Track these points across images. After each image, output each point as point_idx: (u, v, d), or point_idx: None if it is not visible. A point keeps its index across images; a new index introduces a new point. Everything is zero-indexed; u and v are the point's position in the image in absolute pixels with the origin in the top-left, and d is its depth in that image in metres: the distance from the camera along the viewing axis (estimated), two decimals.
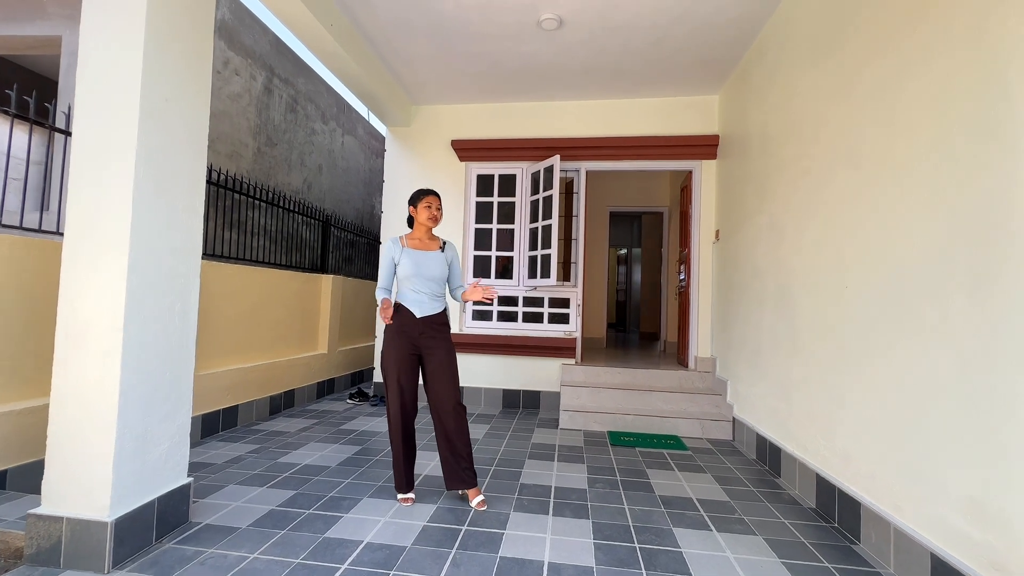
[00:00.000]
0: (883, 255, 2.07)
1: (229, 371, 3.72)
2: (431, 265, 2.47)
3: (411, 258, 2.46)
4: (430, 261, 2.48)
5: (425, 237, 2.55)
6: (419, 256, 2.47)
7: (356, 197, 6.96)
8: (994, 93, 1.54)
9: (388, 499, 2.47)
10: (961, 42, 1.68)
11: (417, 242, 2.53)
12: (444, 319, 2.51)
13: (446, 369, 2.42)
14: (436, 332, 2.45)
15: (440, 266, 2.50)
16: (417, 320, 2.43)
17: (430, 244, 2.55)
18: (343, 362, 5.49)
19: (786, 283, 2.97)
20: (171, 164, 2.05)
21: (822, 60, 2.64)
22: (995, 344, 1.51)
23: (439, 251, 2.53)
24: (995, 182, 1.53)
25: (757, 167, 3.53)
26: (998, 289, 1.50)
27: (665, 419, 3.99)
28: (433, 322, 2.45)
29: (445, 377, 2.42)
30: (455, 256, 2.61)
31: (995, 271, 1.52)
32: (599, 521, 2.29)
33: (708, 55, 3.88)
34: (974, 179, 1.61)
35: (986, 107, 1.57)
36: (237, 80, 4.38)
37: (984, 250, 1.56)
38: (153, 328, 1.98)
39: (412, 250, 2.48)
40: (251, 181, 4.57)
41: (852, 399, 2.26)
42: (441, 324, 2.48)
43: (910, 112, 1.93)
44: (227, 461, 2.99)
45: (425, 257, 2.48)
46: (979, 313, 1.57)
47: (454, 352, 2.49)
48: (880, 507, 2.03)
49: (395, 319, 2.44)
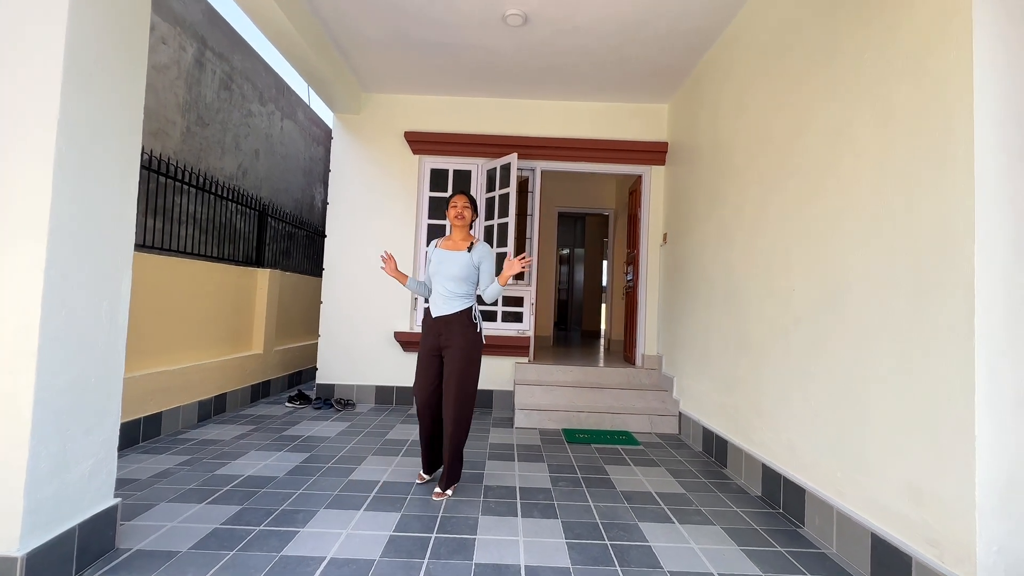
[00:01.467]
0: (829, 261, 2.25)
1: (151, 374, 3.33)
2: (450, 264, 2.51)
3: (436, 257, 2.57)
4: (451, 260, 2.52)
5: (457, 237, 2.62)
6: (443, 255, 2.54)
7: (295, 186, 6.52)
8: (937, 118, 1.72)
9: (349, 509, 2.32)
10: (905, 66, 1.86)
11: (450, 243, 2.62)
12: (463, 320, 2.50)
13: (457, 373, 2.47)
14: (454, 334, 2.49)
15: (460, 267, 2.50)
16: (433, 320, 2.53)
17: (460, 244, 2.59)
18: (280, 362, 5.12)
19: (736, 285, 3.15)
20: (101, 138, 1.78)
21: (771, 73, 2.82)
22: (932, 344, 1.68)
23: (466, 252, 2.54)
24: (935, 199, 1.70)
25: (707, 174, 3.73)
26: (936, 295, 1.68)
27: (616, 415, 4.11)
28: (449, 322, 2.50)
29: (455, 380, 2.47)
30: (484, 257, 2.56)
31: (934, 278, 1.69)
32: (568, 520, 2.30)
33: (662, 64, 4.03)
34: (915, 193, 1.79)
35: (929, 129, 1.75)
36: (164, 50, 3.92)
37: (924, 259, 1.74)
38: (76, 328, 1.71)
39: (441, 250, 2.59)
40: (179, 163, 4.12)
41: (798, 393, 2.44)
42: (460, 326, 2.49)
43: (854, 128, 2.11)
44: (154, 476, 2.67)
45: (448, 256, 2.54)
46: (918, 316, 1.75)
47: (473, 356, 2.51)
48: (824, 493, 2.21)
49: (423, 320, 2.62)
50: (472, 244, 2.58)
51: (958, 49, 1.63)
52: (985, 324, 1.53)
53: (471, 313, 2.53)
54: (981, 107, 1.56)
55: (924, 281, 1.73)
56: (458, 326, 2.49)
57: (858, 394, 2.03)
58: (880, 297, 1.93)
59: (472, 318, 2.53)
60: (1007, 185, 1.55)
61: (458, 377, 2.46)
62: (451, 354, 2.48)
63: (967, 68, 1.59)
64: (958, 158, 1.62)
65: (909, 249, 1.80)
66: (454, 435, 2.48)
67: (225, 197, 4.55)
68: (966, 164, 1.58)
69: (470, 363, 2.49)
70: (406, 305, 4.75)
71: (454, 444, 2.50)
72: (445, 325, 2.49)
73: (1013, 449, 1.52)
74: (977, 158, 1.56)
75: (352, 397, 4.71)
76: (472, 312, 2.54)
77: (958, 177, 1.61)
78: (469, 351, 2.49)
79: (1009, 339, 1.53)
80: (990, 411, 1.52)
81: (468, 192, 2.70)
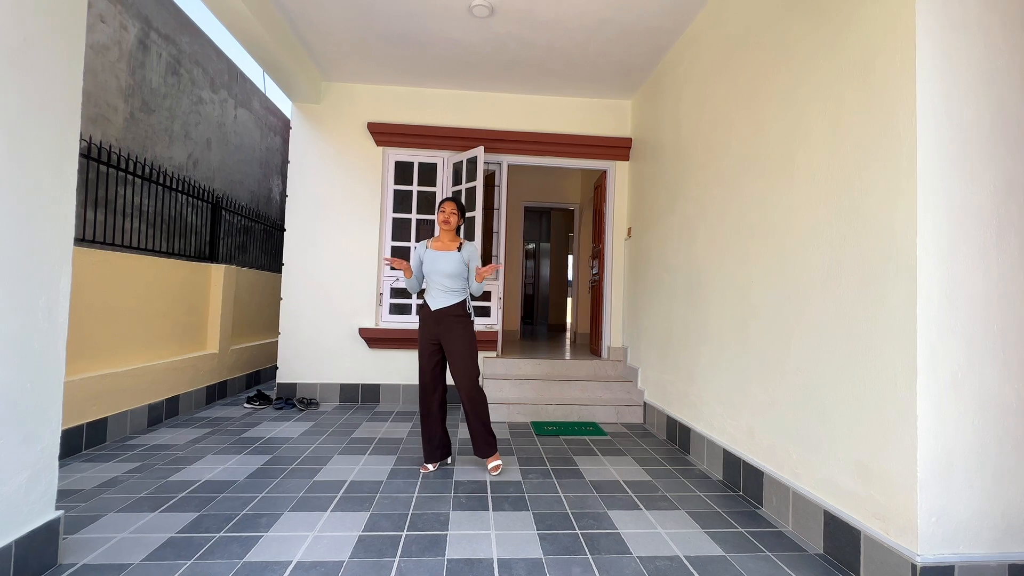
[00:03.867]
0: (784, 254, 2.35)
1: (94, 377, 3.12)
2: (444, 263, 2.82)
3: (429, 257, 2.87)
4: (444, 260, 2.83)
5: (446, 239, 2.92)
6: (435, 255, 2.86)
7: (251, 178, 6.23)
8: (882, 118, 1.82)
9: (315, 511, 2.26)
10: (854, 69, 1.96)
11: (439, 244, 2.91)
12: (460, 311, 2.85)
13: (460, 358, 2.79)
14: (452, 323, 2.82)
15: (453, 264, 2.83)
16: (432, 312, 2.84)
17: (449, 245, 2.90)
18: (238, 362, 4.91)
19: (697, 279, 3.26)
20: (34, 122, 1.63)
21: (730, 72, 2.92)
22: (878, 332, 1.79)
23: (456, 251, 2.85)
24: (880, 195, 1.81)
25: (670, 170, 3.82)
26: (881, 286, 1.78)
27: (583, 407, 4.17)
28: (448, 314, 2.83)
29: (461, 365, 2.79)
30: (472, 255, 2.92)
31: (879, 271, 1.80)
32: (539, 511, 2.32)
33: (626, 61, 4.09)
34: (861, 189, 1.89)
35: (874, 130, 1.85)
36: (103, 29, 3.64)
37: (870, 252, 1.84)
38: (8, 328, 1.57)
39: (432, 250, 2.88)
40: (121, 151, 3.85)
41: (756, 381, 2.55)
42: (456, 315, 2.83)
43: (808, 127, 2.21)
44: (100, 485, 2.51)
45: (440, 256, 2.84)
46: (865, 306, 1.86)
47: (471, 341, 2.82)
48: (780, 475, 2.32)
49: (420, 312, 2.91)
50: (461, 244, 2.90)
51: (902, 53, 1.73)
52: (925, 312, 1.64)
53: (465, 305, 2.88)
54: (924, 108, 1.67)
55: (870, 273, 1.84)
56: (455, 316, 2.83)
57: (813, 380, 2.14)
58: (830, 288, 2.03)
59: (466, 309, 2.89)
60: (946, 182, 1.67)
61: (461, 359, 2.79)
62: (451, 341, 2.80)
63: (910, 71, 1.69)
64: (901, 156, 1.72)
65: (857, 242, 1.91)
66: (475, 411, 2.80)
67: (174, 188, 4.29)
68: (909, 162, 1.69)
69: (469, 345, 2.82)
70: (371, 301, 4.64)
71: (480, 418, 2.81)
72: (444, 316, 2.83)
73: (951, 427, 1.64)
74: (920, 156, 1.66)
75: (315, 396, 4.57)
76: (466, 304, 2.89)
77: (901, 174, 1.72)
78: (467, 336, 2.82)
79: (947, 326, 1.65)
80: (929, 393, 1.64)
81: (457, 199, 3.08)
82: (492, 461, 2.83)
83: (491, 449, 2.84)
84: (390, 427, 3.78)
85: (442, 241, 2.92)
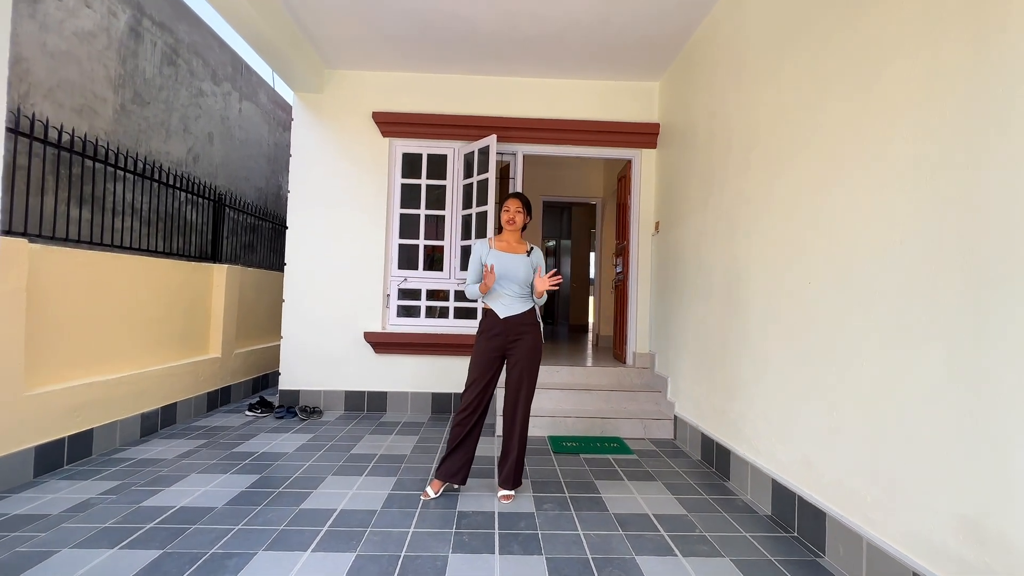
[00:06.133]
0: (854, 247, 1.92)
1: (78, 386, 2.90)
2: (517, 267, 2.54)
3: (498, 259, 2.54)
4: (516, 263, 2.54)
5: (512, 240, 2.63)
6: (505, 258, 2.55)
7: (258, 175, 6.03)
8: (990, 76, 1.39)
9: (293, 550, 1.95)
10: (954, 16, 1.53)
11: (504, 244, 2.62)
12: (531, 319, 2.56)
13: (525, 372, 2.52)
14: (522, 332, 2.53)
15: (526, 269, 2.55)
16: (501, 320, 2.53)
17: (517, 248, 2.62)
18: (242, 367, 4.70)
19: (738, 278, 2.83)
20: None
21: (782, 40, 2.48)
22: (999, 348, 1.36)
23: (525, 255, 2.58)
24: (998, 171, 1.38)
25: (703, 157, 3.39)
26: (999, 285, 1.36)
27: (607, 420, 3.79)
28: (520, 322, 2.53)
29: (526, 379, 2.52)
30: (540, 261, 2.66)
31: (994, 265, 1.37)
32: (553, 556, 1.96)
33: (653, 35, 3.67)
34: (971, 165, 1.46)
35: (985, 88, 1.42)
36: (88, 14, 3.43)
37: (981, 243, 1.42)
38: None
39: (499, 252, 2.57)
40: (111, 145, 3.65)
41: (815, 402, 2.12)
42: (528, 324, 2.54)
43: (888, 93, 1.78)
44: (68, 509, 2.26)
45: (511, 259, 2.55)
46: (974, 311, 1.43)
47: (537, 359, 2.55)
48: (850, 520, 1.90)
49: (483, 321, 2.58)
50: (531, 249, 2.64)
51: None
52: None
53: (535, 313, 2.60)
54: None
55: (984, 273, 1.41)
56: (528, 326, 2.55)
57: (895, 406, 1.71)
58: (925, 292, 1.60)
59: (537, 317, 2.60)
60: None
61: (529, 376, 2.53)
62: (521, 352, 2.52)
63: None
64: None
65: (961, 235, 1.48)
66: (523, 436, 2.54)
67: (172, 185, 4.09)
68: None
69: (537, 361, 2.56)
70: (377, 304, 4.35)
71: (524, 444, 2.55)
72: (513, 324, 2.53)
73: None
74: None
75: (319, 404, 4.31)
76: (536, 312, 2.60)
77: None
78: (537, 348, 2.56)
79: None
80: None
81: (523, 196, 2.67)
82: (505, 491, 2.54)
83: (519, 482, 2.56)
84: (394, 441, 3.48)
85: (508, 242, 2.63)
